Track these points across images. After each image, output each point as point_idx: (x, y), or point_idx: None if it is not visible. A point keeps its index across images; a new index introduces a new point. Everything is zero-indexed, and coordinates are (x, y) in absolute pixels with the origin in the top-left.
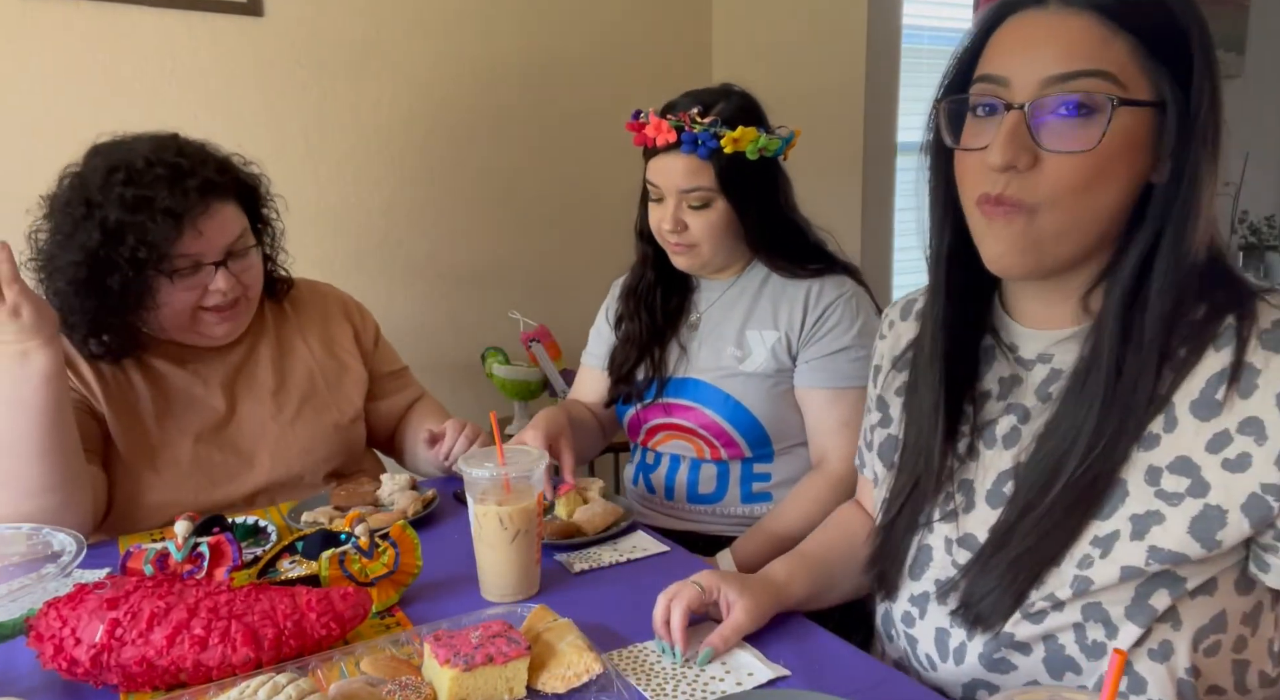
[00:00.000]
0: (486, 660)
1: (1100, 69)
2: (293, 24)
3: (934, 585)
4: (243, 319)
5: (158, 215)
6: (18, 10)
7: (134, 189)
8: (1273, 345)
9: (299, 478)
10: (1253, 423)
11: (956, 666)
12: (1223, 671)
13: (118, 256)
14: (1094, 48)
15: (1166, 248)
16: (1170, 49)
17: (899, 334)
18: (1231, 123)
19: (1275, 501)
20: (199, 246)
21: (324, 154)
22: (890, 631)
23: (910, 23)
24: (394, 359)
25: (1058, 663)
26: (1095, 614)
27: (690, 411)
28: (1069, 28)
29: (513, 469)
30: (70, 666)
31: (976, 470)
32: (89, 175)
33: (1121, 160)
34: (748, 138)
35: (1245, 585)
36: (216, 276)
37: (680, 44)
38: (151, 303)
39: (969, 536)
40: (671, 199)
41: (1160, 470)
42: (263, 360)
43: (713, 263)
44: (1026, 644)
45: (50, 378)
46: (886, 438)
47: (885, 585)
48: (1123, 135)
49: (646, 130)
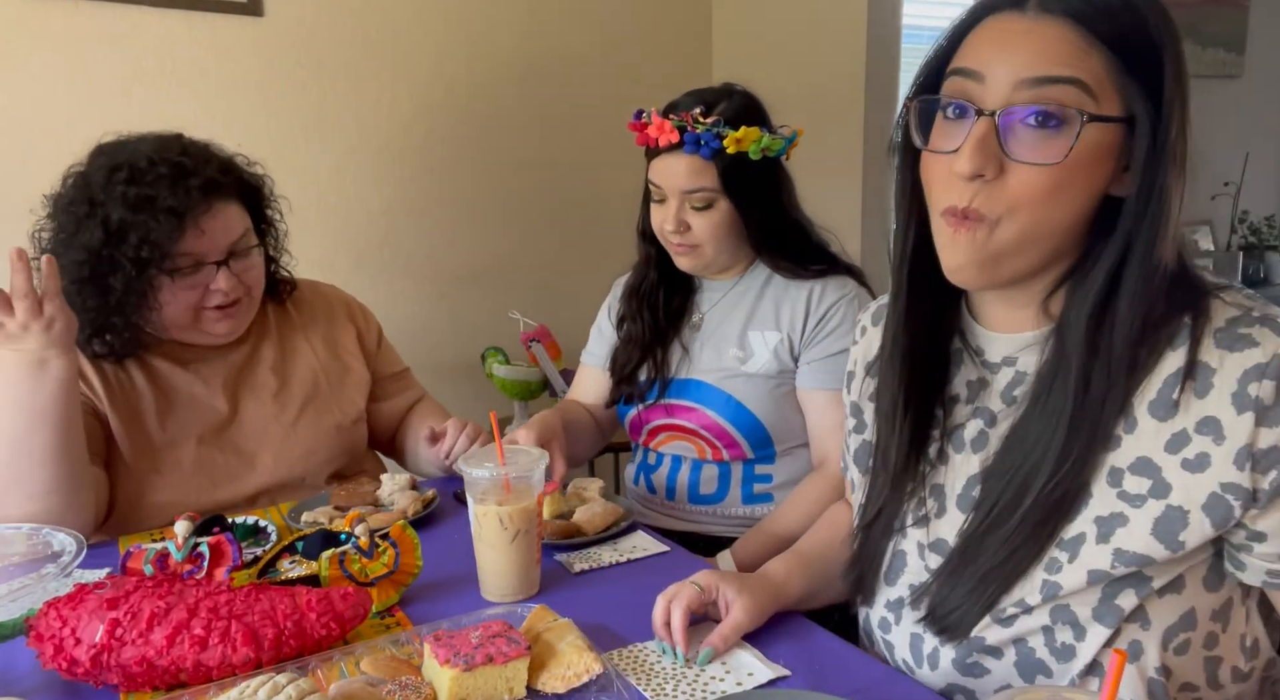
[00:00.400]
0: (486, 660)
1: (1075, 77)
2: (293, 24)
3: (908, 591)
4: (244, 318)
5: (160, 214)
6: (18, 10)
7: (136, 188)
8: (1226, 344)
9: (300, 479)
10: (1210, 422)
11: (931, 672)
12: (1194, 669)
13: (120, 255)
14: (1071, 55)
15: (1136, 261)
16: (1144, 65)
17: (871, 340)
18: (1231, 123)
19: (1235, 501)
20: (201, 246)
21: (324, 154)
22: (870, 636)
23: (910, 23)
24: (396, 360)
25: (1028, 666)
26: (1063, 616)
27: (692, 412)
28: (1047, 33)
29: (513, 469)
30: (70, 666)
31: (946, 474)
32: (92, 174)
33: (1086, 173)
34: (750, 138)
35: (1214, 582)
36: (218, 276)
37: (680, 44)
38: (154, 302)
39: (940, 542)
40: (674, 199)
41: (1122, 471)
42: (265, 361)
43: (716, 263)
44: (997, 648)
45: (65, 385)
46: (861, 443)
47: (862, 590)
48: (1090, 149)
49: (649, 130)
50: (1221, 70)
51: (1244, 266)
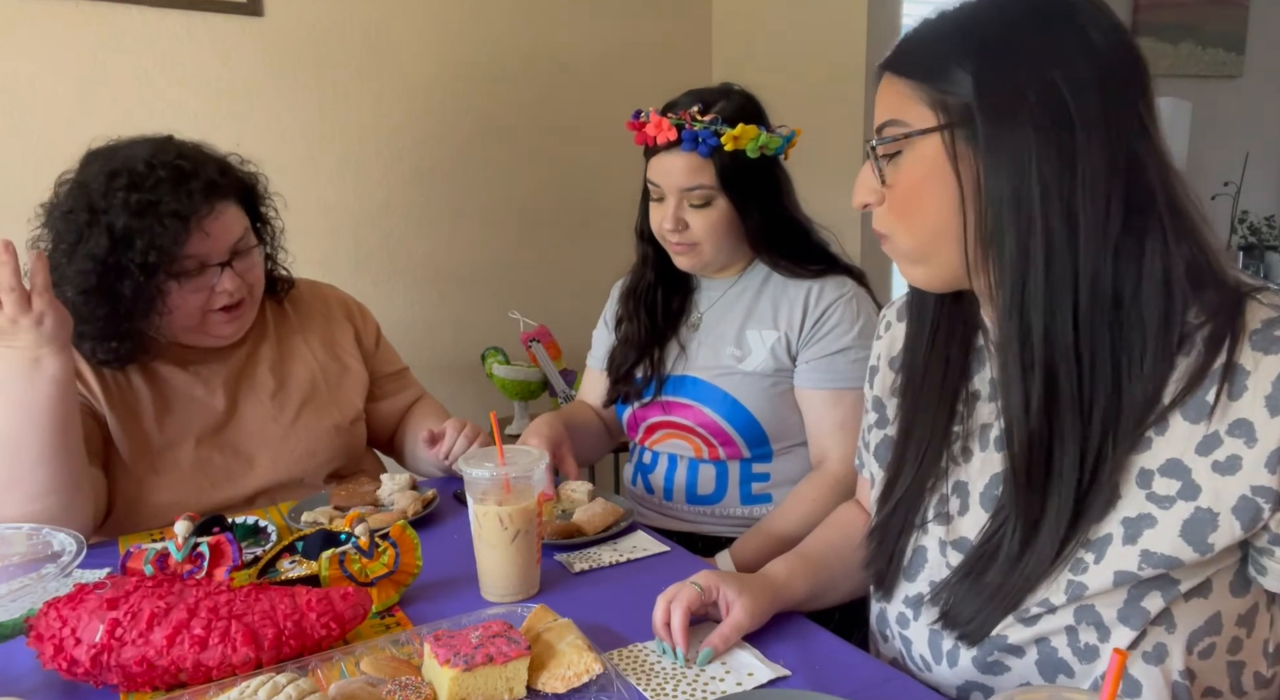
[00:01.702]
0: (486, 660)
1: (892, 119)
2: (293, 24)
3: (928, 587)
4: (248, 318)
5: (165, 218)
6: (17, 10)
7: (138, 194)
8: (1262, 346)
9: (299, 479)
10: (1242, 425)
11: (950, 669)
12: (1218, 673)
13: (128, 262)
14: (894, 102)
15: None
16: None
17: (895, 335)
18: (1231, 123)
19: (1265, 504)
20: (205, 248)
21: (324, 154)
22: (885, 631)
23: (910, 23)
24: (394, 359)
25: (1050, 665)
26: (1088, 616)
27: (688, 409)
28: (887, 91)
29: (513, 469)
30: (70, 666)
31: (970, 472)
32: (90, 182)
33: (926, 183)
34: (748, 136)
35: (1240, 587)
36: (222, 277)
37: (680, 44)
38: (162, 307)
39: (962, 539)
40: (672, 198)
41: (1152, 473)
42: (263, 362)
43: (714, 262)
44: (1019, 647)
45: (61, 384)
46: (883, 438)
47: (882, 585)
48: (918, 163)
49: (647, 129)
50: (1221, 70)
51: (1244, 267)
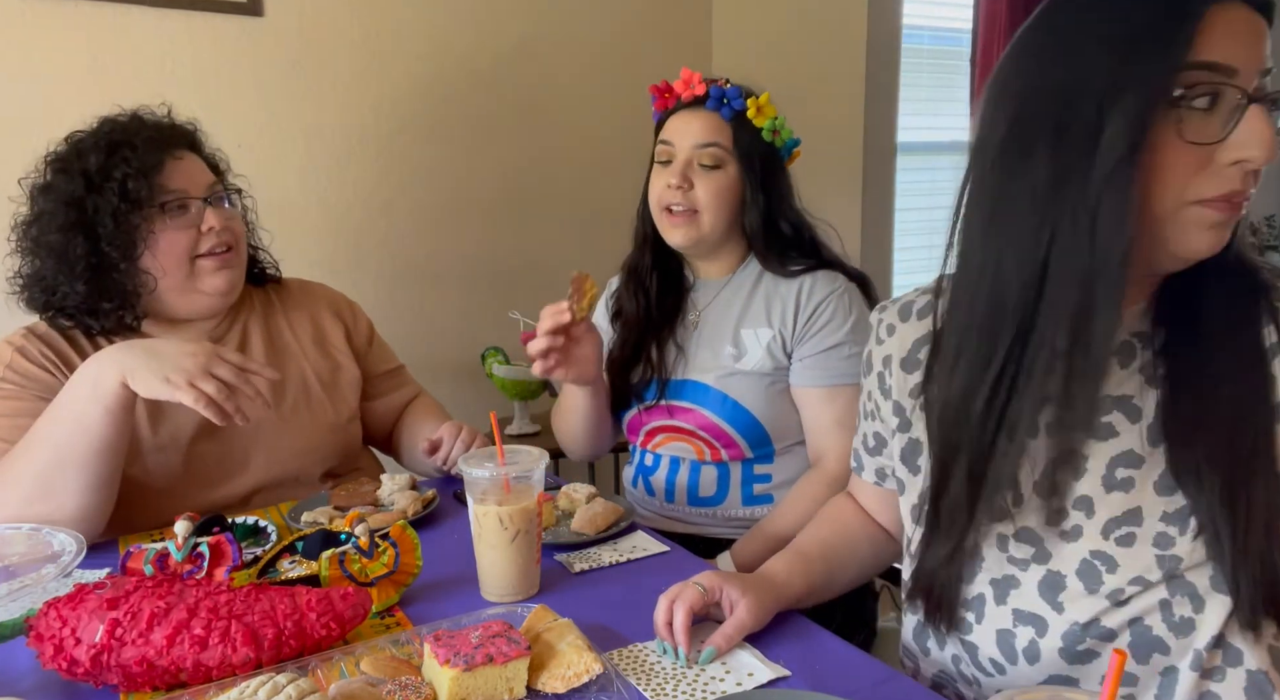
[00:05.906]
0: (486, 660)
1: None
2: (293, 24)
3: (989, 587)
4: (238, 270)
5: (139, 144)
6: (17, 10)
7: (109, 136)
8: None
9: (294, 478)
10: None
11: (1030, 666)
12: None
13: (107, 191)
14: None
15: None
16: None
17: (904, 336)
18: None
19: None
20: (183, 182)
21: (324, 154)
22: (926, 645)
23: (910, 23)
24: (389, 357)
25: (1144, 645)
26: (1182, 588)
27: (690, 413)
28: (1263, 26)
29: (513, 469)
30: (70, 666)
31: (1022, 462)
32: (62, 149)
33: None
34: (769, 112)
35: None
36: (207, 213)
37: (680, 44)
38: (151, 244)
39: (1025, 530)
40: (682, 157)
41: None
42: (255, 359)
43: (708, 239)
44: (1113, 631)
45: (116, 415)
46: (908, 442)
47: (937, 605)
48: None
49: (675, 85)
50: None
51: None
